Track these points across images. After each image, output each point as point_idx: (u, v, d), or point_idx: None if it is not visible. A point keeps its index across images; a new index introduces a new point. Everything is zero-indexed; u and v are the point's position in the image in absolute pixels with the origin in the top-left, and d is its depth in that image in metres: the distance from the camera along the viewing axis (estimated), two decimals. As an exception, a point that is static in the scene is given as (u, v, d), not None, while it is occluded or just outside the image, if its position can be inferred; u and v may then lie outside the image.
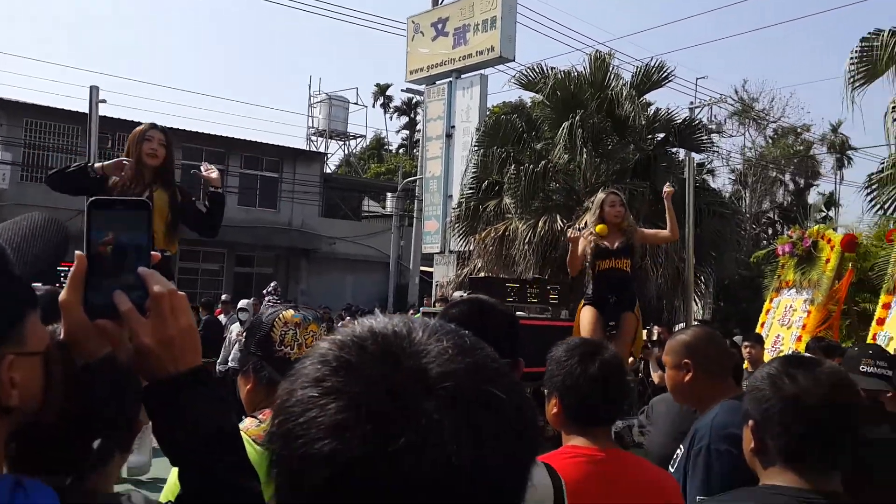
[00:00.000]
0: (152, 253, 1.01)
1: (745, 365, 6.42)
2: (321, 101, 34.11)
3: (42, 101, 26.59)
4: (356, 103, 36.46)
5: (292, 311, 2.05)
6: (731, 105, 31.12)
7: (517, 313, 4.65)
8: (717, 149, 22.24)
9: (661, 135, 15.37)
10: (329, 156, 34.91)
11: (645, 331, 7.95)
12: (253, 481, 1.01)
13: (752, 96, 31.66)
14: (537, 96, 16.67)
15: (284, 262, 25.08)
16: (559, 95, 14.58)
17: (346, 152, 39.05)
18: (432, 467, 0.59)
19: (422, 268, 23.15)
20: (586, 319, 5.74)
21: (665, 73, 15.01)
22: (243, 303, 11.13)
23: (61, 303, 0.97)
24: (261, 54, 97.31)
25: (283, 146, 25.63)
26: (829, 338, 7.64)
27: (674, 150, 15.64)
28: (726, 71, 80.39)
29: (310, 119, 34.56)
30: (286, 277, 24.28)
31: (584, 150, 13.70)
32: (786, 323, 10.25)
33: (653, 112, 15.97)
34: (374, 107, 46.45)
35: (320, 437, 0.60)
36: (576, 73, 14.92)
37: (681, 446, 2.47)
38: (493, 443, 0.62)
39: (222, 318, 11.86)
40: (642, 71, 15.09)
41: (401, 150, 44.79)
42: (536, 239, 13.40)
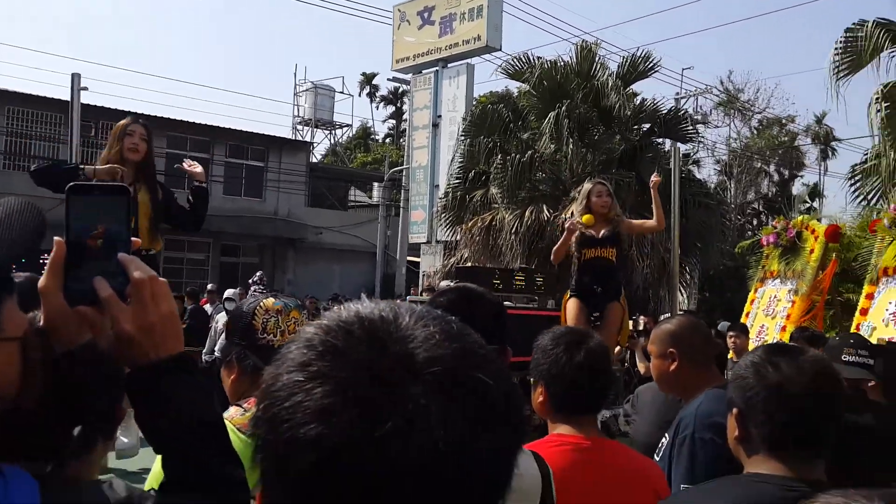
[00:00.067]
0: (132, 239, 0.99)
1: (731, 355, 6.47)
2: (307, 90, 33.94)
3: (23, 88, 26.21)
4: (342, 92, 36.38)
5: (273, 299, 2.07)
6: (717, 96, 31.26)
7: (504, 303, 4.64)
8: (702, 139, 22.32)
9: (647, 125, 15.42)
10: (315, 145, 34.80)
11: (631, 321, 7.97)
12: (236, 468, 1.01)
13: (738, 87, 31.84)
14: (524, 86, 16.66)
15: (271, 251, 24.97)
16: (546, 85, 14.59)
17: (333, 141, 38.94)
18: (419, 452, 0.59)
19: (409, 258, 23.13)
20: (571, 311, 5.75)
21: (651, 64, 15.05)
22: (229, 292, 11.07)
23: (40, 289, 0.95)
24: (246, 42, 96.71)
25: (268, 135, 25.49)
26: (812, 328, 7.69)
27: (659, 140, 15.70)
28: (712, 61, 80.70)
29: (295, 108, 34.41)
30: (272, 267, 24.19)
31: (570, 141, 13.73)
32: (770, 313, 10.31)
33: (639, 102, 16.01)
34: (360, 96, 46.28)
35: (306, 421, 0.60)
36: (562, 63, 14.94)
37: (666, 435, 2.48)
38: (479, 428, 0.62)
39: (208, 307, 11.81)
40: (629, 61, 15.12)
41: (387, 140, 44.66)
42: (523, 229, 13.42)
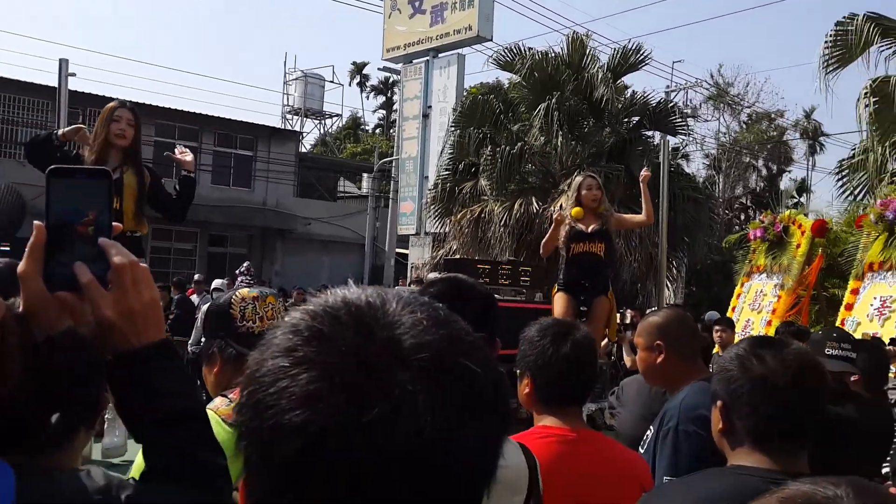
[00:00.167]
0: (114, 224, 0.98)
1: (716, 349, 6.50)
2: (297, 79, 33.76)
3: (10, 74, 25.90)
4: (332, 81, 36.25)
5: (247, 289, 2.14)
6: (707, 89, 31.32)
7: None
8: (691, 130, 22.36)
9: (637, 118, 15.43)
10: (304, 135, 34.66)
11: (618, 314, 8.00)
12: (218, 457, 1.00)
13: (728, 81, 31.92)
14: (514, 77, 16.63)
15: (259, 242, 24.87)
16: (536, 76, 14.57)
17: (322, 131, 38.78)
18: (405, 439, 0.58)
19: (397, 249, 23.07)
20: (559, 304, 5.77)
21: (642, 56, 15.04)
22: (217, 282, 11.05)
23: (20, 274, 0.94)
24: (235, 29, 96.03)
25: (257, 124, 25.34)
26: (798, 323, 7.73)
27: (649, 133, 15.71)
28: (703, 54, 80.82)
29: (285, 97, 34.22)
30: (261, 258, 24.09)
31: (559, 133, 13.72)
32: (756, 307, 10.37)
33: (629, 95, 16.02)
34: (350, 85, 46.14)
35: (292, 407, 0.59)
36: (553, 55, 14.91)
37: (651, 427, 2.49)
38: (466, 416, 0.61)
39: (195, 298, 11.74)
40: (619, 53, 15.11)
41: (377, 130, 44.52)
42: (512, 221, 13.42)
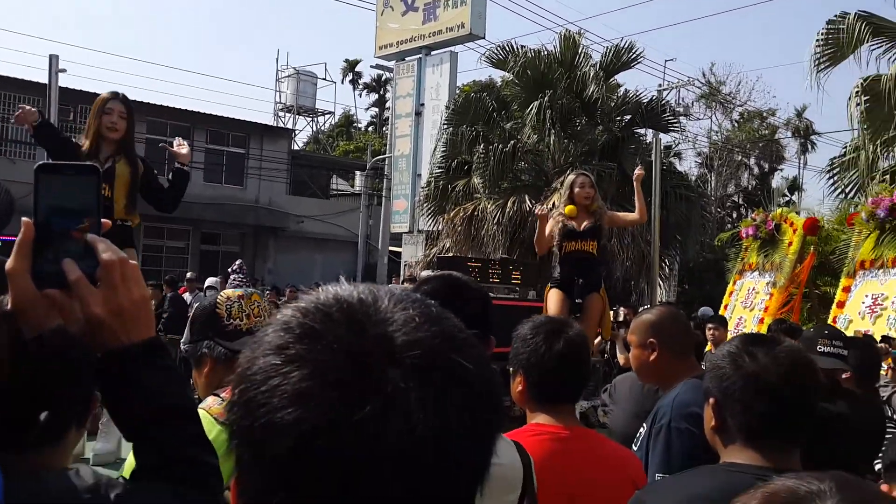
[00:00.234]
0: (103, 221, 0.97)
1: (709, 347, 6.52)
2: (289, 76, 33.66)
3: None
4: (325, 79, 36.10)
5: (231, 289, 2.22)
6: (699, 88, 31.41)
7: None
8: (683, 128, 22.43)
9: (629, 116, 15.46)
10: (297, 132, 34.57)
11: (612, 312, 8.02)
12: (209, 455, 0.99)
13: (720, 79, 32.02)
14: (507, 75, 16.64)
15: (252, 240, 24.82)
16: (529, 75, 14.58)
17: (315, 129, 38.69)
18: (397, 437, 0.58)
19: (390, 247, 23.07)
20: (553, 302, 5.79)
21: (634, 55, 15.07)
22: (211, 280, 11.02)
23: (7, 271, 0.93)
24: (228, 26, 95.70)
25: (250, 121, 25.29)
26: (790, 320, 7.77)
27: (641, 131, 15.75)
28: (695, 53, 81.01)
29: (277, 94, 34.14)
30: (253, 256, 24.05)
31: (552, 131, 13.74)
32: (748, 305, 10.40)
33: (621, 93, 16.04)
34: (343, 83, 45.95)
35: (283, 405, 0.59)
36: (546, 53, 14.92)
37: (644, 425, 2.49)
38: (458, 413, 0.61)
39: (187, 296, 11.71)
40: (612, 51, 15.13)
41: (370, 128, 44.44)
42: (505, 219, 13.44)
